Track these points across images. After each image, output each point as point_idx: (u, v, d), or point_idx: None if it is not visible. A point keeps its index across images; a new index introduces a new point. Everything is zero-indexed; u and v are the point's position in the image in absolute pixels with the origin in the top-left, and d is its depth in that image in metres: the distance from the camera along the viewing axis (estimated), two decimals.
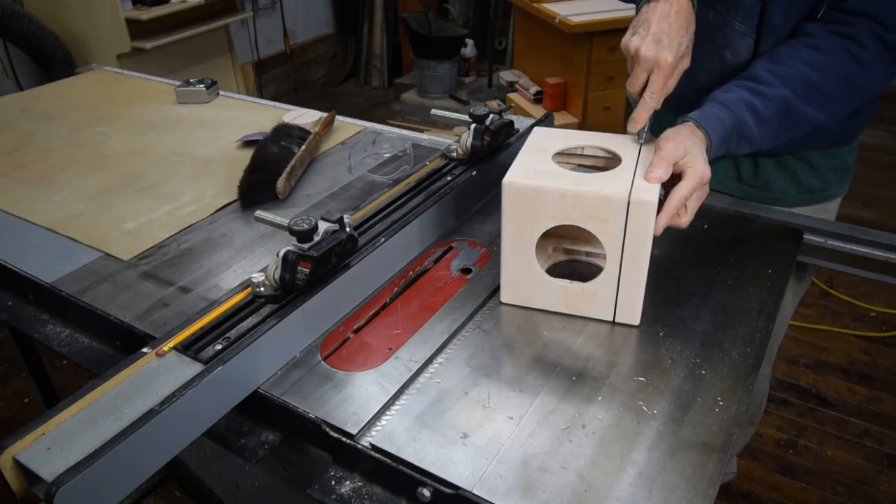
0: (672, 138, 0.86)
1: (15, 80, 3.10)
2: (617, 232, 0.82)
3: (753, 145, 0.96)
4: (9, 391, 2.25)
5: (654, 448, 0.70)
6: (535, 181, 0.83)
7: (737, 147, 0.95)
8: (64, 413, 0.68)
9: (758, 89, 0.94)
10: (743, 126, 0.93)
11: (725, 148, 0.93)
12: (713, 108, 0.93)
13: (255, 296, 0.84)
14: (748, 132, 0.94)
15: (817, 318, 2.45)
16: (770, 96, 0.93)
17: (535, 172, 0.85)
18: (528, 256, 0.88)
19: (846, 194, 1.23)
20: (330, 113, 1.48)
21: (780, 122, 0.95)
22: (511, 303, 0.92)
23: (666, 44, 0.87)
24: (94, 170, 1.33)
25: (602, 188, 0.81)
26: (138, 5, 3.04)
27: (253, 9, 4.11)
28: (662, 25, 0.87)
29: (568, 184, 0.82)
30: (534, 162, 0.88)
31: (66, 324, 0.98)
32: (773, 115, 0.93)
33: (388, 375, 0.81)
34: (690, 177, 0.84)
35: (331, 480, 0.73)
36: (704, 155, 0.87)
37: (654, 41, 0.87)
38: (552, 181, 0.83)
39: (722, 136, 0.91)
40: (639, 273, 0.84)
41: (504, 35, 4.45)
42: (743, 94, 0.94)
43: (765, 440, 1.98)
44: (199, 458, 1.11)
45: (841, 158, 1.17)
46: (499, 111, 1.19)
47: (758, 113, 0.93)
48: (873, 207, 3.07)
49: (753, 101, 0.93)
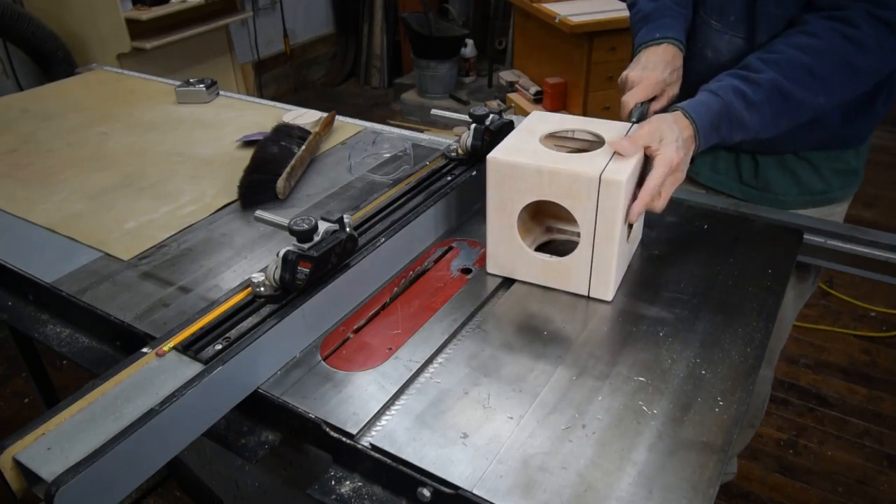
0: (650, 122, 0.92)
1: (15, 80, 3.10)
2: (589, 209, 0.87)
3: (748, 131, 0.98)
4: (9, 391, 2.25)
5: (654, 448, 0.70)
6: (515, 158, 0.89)
7: (729, 132, 0.97)
8: (64, 413, 0.68)
9: (746, 76, 0.97)
10: (731, 110, 0.95)
11: (717, 133, 0.95)
12: (701, 96, 0.97)
13: (255, 296, 0.84)
14: (738, 116, 0.95)
15: (817, 318, 2.45)
16: (759, 81, 0.95)
17: (519, 150, 0.91)
18: (510, 230, 0.93)
19: None
20: (330, 113, 1.48)
21: (774, 107, 0.96)
22: (496, 273, 0.98)
23: (651, 68, 1.04)
24: (94, 170, 1.33)
25: (576, 166, 0.86)
26: (138, 5, 3.04)
27: (253, 9, 4.11)
28: (649, 58, 1.06)
29: (545, 161, 0.88)
30: (522, 141, 0.94)
31: (66, 324, 0.98)
32: (764, 99, 0.95)
33: (388, 375, 0.81)
34: (660, 164, 0.88)
35: (331, 480, 0.73)
36: (679, 142, 0.90)
37: (641, 67, 1.05)
38: (531, 158, 0.89)
39: (709, 120, 0.94)
40: (610, 249, 0.88)
41: (504, 35, 4.44)
42: (731, 81, 0.97)
43: (765, 440, 1.98)
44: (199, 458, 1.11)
45: (845, 161, 1.16)
46: (499, 111, 1.19)
47: (746, 97, 0.95)
48: (873, 207, 3.07)
49: (741, 87, 0.96)
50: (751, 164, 1.19)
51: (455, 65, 4.17)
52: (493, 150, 0.91)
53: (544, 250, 0.97)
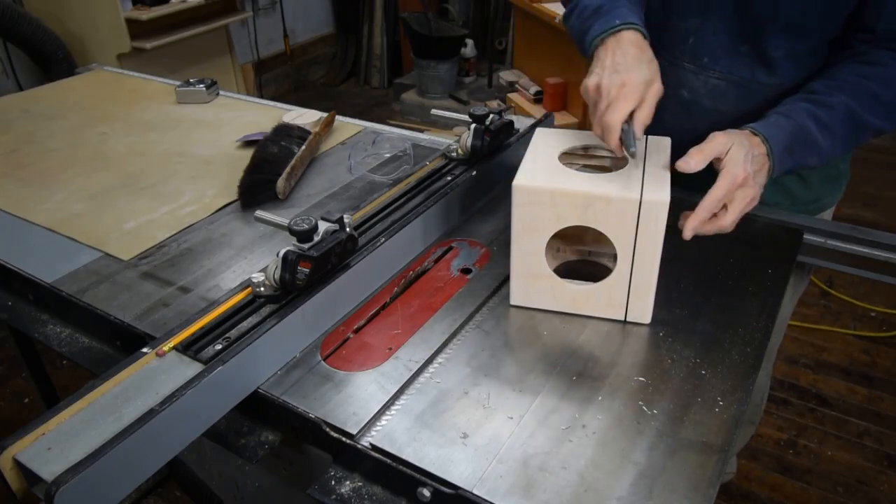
0: (723, 134, 0.84)
1: (15, 80, 3.10)
2: (628, 232, 0.81)
3: (821, 156, 0.93)
4: (9, 391, 2.25)
5: (654, 448, 0.70)
6: (544, 183, 0.83)
7: (803, 156, 0.92)
8: (64, 413, 0.68)
9: (817, 99, 0.93)
10: (806, 133, 0.91)
11: (791, 157, 0.90)
12: (772, 118, 0.92)
13: (255, 296, 0.84)
14: (812, 139, 0.91)
15: (817, 318, 2.45)
16: (831, 105, 0.92)
17: (544, 174, 0.85)
18: (539, 258, 0.87)
19: (845, 195, 1.22)
20: (330, 113, 1.48)
21: (846, 131, 0.93)
22: (520, 305, 0.92)
23: (622, 70, 0.85)
24: (94, 170, 1.33)
25: (613, 189, 0.81)
26: (138, 5, 3.04)
27: (253, 9, 4.11)
28: (616, 57, 0.87)
29: (578, 185, 0.82)
30: (541, 163, 0.88)
31: (66, 324, 0.98)
32: (836, 123, 0.92)
33: (388, 375, 0.81)
34: (722, 177, 0.82)
35: (331, 480, 0.73)
36: (747, 158, 0.83)
37: (610, 72, 0.86)
38: (562, 183, 0.83)
39: (784, 142, 0.89)
40: (650, 272, 0.84)
41: (504, 35, 4.44)
42: (803, 105, 0.92)
43: (765, 440, 1.98)
44: (199, 458, 1.11)
45: (833, 167, 1.16)
46: (499, 111, 1.19)
47: (820, 120, 0.91)
48: (873, 207, 3.07)
49: (815, 110, 0.91)
50: None
51: (455, 65, 4.17)
52: (516, 177, 0.84)
53: (558, 273, 0.90)
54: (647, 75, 0.86)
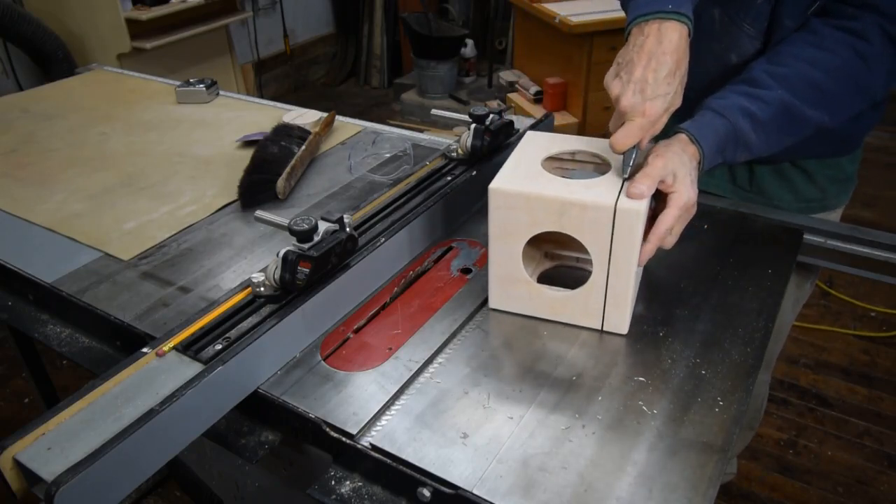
0: (662, 155, 0.82)
1: (15, 80, 3.10)
2: (604, 240, 0.80)
3: (752, 152, 0.93)
4: (9, 391, 2.25)
5: (654, 448, 0.70)
6: (521, 187, 0.82)
7: (733, 155, 0.92)
8: (64, 413, 0.68)
9: (754, 93, 0.91)
10: (738, 133, 0.90)
11: (721, 157, 0.91)
12: (706, 117, 0.90)
13: (255, 296, 0.84)
14: (745, 139, 0.91)
15: (817, 318, 2.45)
16: (768, 100, 0.90)
17: (523, 178, 0.84)
18: (516, 262, 0.86)
19: None
20: (330, 113, 1.48)
21: (780, 126, 0.92)
22: (499, 308, 0.91)
23: (650, 93, 0.79)
24: (94, 170, 1.33)
25: (588, 195, 0.79)
26: (138, 5, 3.04)
27: (253, 9, 4.11)
28: (647, 73, 0.79)
29: (554, 190, 0.81)
30: (523, 167, 0.86)
31: (66, 324, 0.98)
32: (771, 118, 0.91)
33: (388, 375, 0.81)
34: (674, 203, 0.82)
35: (331, 480, 0.73)
36: (692, 176, 0.84)
37: (636, 90, 0.79)
38: (538, 187, 0.81)
39: (716, 145, 0.89)
40: (626, 281, 0.82)
41: (504, 35, 4.44)
42: (738, 100, 0.91)
43: (765, 440, 1.98)
44: (199, 458, 1.11)
45: (840, 168, 1.15)
46: (499, 111, 1.19)
47: (754, 118, 0.90)
48: (873, 207, 3.07)
49: (749, 106, 0.90)
50: (746, 172, 1.18)
51: (455, 65, 4.17)
52: (494, 180, 0.83)
53: (545, 279, 0.90)
54: (668, 102, 0.81)
